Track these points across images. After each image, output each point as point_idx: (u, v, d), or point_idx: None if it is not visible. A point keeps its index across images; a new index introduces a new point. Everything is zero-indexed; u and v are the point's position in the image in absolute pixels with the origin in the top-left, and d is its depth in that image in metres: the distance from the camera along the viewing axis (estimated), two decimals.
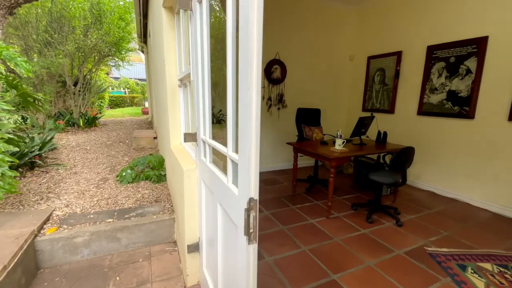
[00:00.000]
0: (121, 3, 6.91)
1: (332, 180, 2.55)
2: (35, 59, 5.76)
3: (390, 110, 4.06)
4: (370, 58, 4.39)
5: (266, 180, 3.90)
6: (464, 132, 3.16)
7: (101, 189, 2.92)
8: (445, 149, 3.37)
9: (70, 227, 2.12)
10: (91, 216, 2.30)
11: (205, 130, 1.44)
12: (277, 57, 4.14)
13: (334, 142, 2.96)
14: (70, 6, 5.62)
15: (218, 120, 3.27)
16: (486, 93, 2.94)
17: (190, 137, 1.56)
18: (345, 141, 2.73)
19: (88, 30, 6.31)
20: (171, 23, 2.07)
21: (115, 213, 2.35)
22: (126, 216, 2.30)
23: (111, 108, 14.76)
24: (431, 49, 3.43)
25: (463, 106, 3.14)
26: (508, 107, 2.75)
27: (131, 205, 2.52)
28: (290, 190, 3.46)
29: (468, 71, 3.07)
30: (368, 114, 4.46)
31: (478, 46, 2.95)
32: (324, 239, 2.27)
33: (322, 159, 2.64)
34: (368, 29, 4.41)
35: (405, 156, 2.40)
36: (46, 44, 5.87)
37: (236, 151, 0.94)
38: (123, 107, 15.76)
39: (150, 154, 3.54)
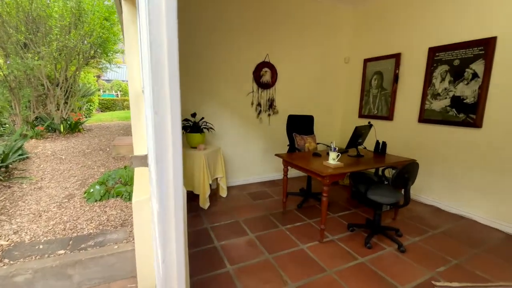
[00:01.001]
0: (105, 2, 6.56)
1: (326, 200, 2.23)
2: (8, 62, 5.38)
3: (389, 116, 3.76)
4: (366, 60, 4.10)
5: (255, 193, 3.57)
6: (471, 142, 2.87)
7: (63, 209, 2.56)
8: (450, 160, 3.08)
9: (11, 262, 1.77)
10: (41, 246, 1.94)
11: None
12: (266, 59, 3.83)
13: (328, 154, 2.64)
14: (47, 6, 5.26)
15: (199, 128, 2.94)
16: (495, 99, 2.65)
17: (139, 161, 1.22)
18: (340, 154, 2.41)
19: (69, 31, 5.95)
20: (132, 18, 1.74)
21: (70, 242, 2.00)
22: (82, 245, 1.95)
23: (101, 111, 14.34)
24: (433, 51, 3.15)
25: (469, 114, 2.85)
26: None
27: (91, 231, 2.17)
28: (280, 205, 3.13)
29: (475, 75, 2.79)
30: (364, 120, 4.17)
31: (486, 47, 2.67)
32: (316, 272, 1.94)
33: (314, 175, 2.32)
34: (364, 29, 4.13)
35: (408, 173, 2.09)
36: (23, 45, 5.50)
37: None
38: (114, 110, 15.33)
39: (124, 167, 3.19)
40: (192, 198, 3.20)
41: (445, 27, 3.03)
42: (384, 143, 2.95)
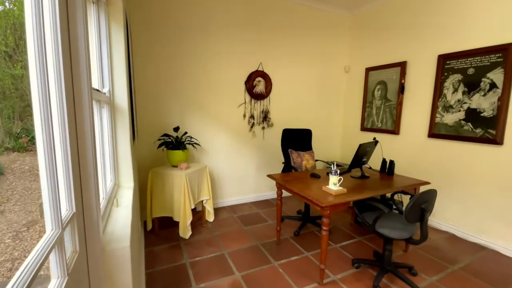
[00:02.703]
0: None
1: (326, 234, 1.85)
2: None
3: (395, 130, 3.42)
4: (368, 69, 3.80)
5: (246, 217, 3.18)
6: (490, 161, 2.52)
7: (18, 241, 2.16)
8: (466, 181, 2.71)
9: None
10: None
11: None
12: (260, 69, 3.52)
13: (328, 174, 2.28)
14: None
15: (182, 144, 2.59)
16: None
17: None
18: (342, 178, 2.05)
19: None
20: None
21: None
22: None
23: None
24: (443, 59, 2.84)
25: (487, 129, 2.51)
26: None
27: (42, 272, 1.77)
28: (275, 232, 2.75)
29: (493, 86, 2.46)
30: (367, 134, 3.84)
31: (505, 54, 2.36)
32: None
33: (312, 204, 1.95)
34: (364, 36, 3.85)
35: (425, 202, 1.73)
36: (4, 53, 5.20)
37: None
38: None
39: None
40: (171, 226, 2.82)
41: (456, 32, 2.73)
42: (391, 162, 2.59)
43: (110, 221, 1.20)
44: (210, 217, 2.93)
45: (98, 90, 1.25)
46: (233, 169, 3.56)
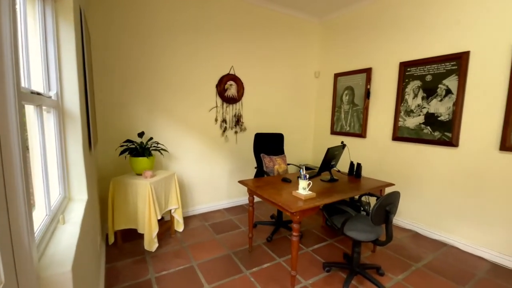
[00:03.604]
0: None
1: (297, 240, 1.83)
2: None
3: (362, 134, 3.54)
4: (337, 75, 3.92)
5: (219, 224, 3.08)
6: (448, 162, 2.69)
7: None
8: (427, 181, 2.87)
9: None
10: None
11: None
12: (232, 72, 3.47)
13: (298, 178, 2.27)
14: None
15: (147, 151, 2.44)
16: (471, 117, 2.50)
17: None
18: (311, 182, 2.05)
19: None
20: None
21: None
22: None
23: None
24: (404, 66, 3.00)
25: (444, 132, 2.68)
26: (499, 133, 2.31)
27: None
28: (247, 239, 2.69)
29: (448, 92, 2.64)
30: (337, 137, 3.94)
31: (459, 63, 2.55)
32: None
33: (282, 209, 1.92)
34: (334, 43, 3.97)
35: (389, 204, 1.78)
36: None
37: None
38: None
39: None
40: (135, 238, 2.64)
41: (416, 41, 2.90)
42: (359, 165, 2.66)
43: (52, 241, 1.07)
44: (179, 227, 2.79)
45: (38, 93, 1.11)
46: (205, 175, 3.45)
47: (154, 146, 2.58)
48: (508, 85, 2.25)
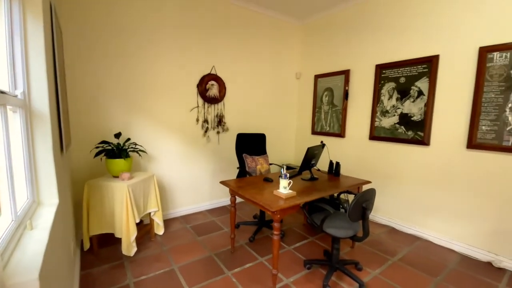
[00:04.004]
0: None
1: (277, 239, 1.85)
2: None
3: (341, 133, 3.65)
4: (317, 76, 4.00)
5: (200, 226, 3.04)
6: (421, 160, 2.83)
7: None
8: (402, 178, 3.01)
9: None
10: None
11: None
12: (213, 72, 3.44)
13: (280, 177, 2.30)
14: None
15: (124, 152, 2.36)
16: (441, 117, 2.65)
17: None
18: (291, 181, 2.09)
19: None
20: None
21: None
22: None
23: None
24: (380, 68, 3.12)
25: (417, 131, 2.83)
26: (466, 132, 2.47)
27: None
28: (230, 240, 2.67)
29: (420, 93, 2.78)
30: (317, 137, 4.02)
31: (429, 65, 2.69)
32: None
33: (263, 209, 1.94)
34: (314, 45, 4.05)
35: (365, 201, 1.84)
36: None
37: None
38: None
39: None
40: (113, 243, 2.55)
41: (390, 45, 3.03)
42: (337, 164, 2.74)
43: (19, 248, 1.00)
44: (159, 230, 2.73)
45: (2, 92, 1.04)
46: (187, 177, 3.39)
47: (132, 147, 2.51)
48: (474, 87, 2.40)
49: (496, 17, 2.26)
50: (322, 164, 3.78)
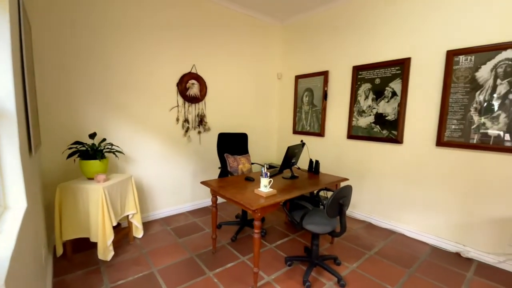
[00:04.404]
0: None
1: (258, 238, 1.86)
2: None
3: (321, 133, 3.74)
4: (298, 77, 4.08)
5: (181, 228, 3.00)
6: (395, 158, 2.97)
7: None
8: (378, 175, 3.14)
9: None
10: None
11: None
12: (193, 71, 3.40)
13: (261, 176, 2.32)
14: None
15: (99, 153, 2.28)
16: (412, 116, 2.80)
17: None
18: (272, 180, 2.11)
19: None
20: None
21: None
22: None
23: None
24: (356, 70, 3.24)
25: (391, 130, 2.96)
26: (435, 131, 2.62)
27: None
28: (211, 241, 2.66)
29: (394, 94, 2.92)
30: (298, 137, 4.10)
31: (402, 68, 2.83)
32: None
33: (244, 208, 1.95)
34: (294, 46, 4.12)
35: (342, 197, 1.90)
36: None
37: None
38: None
39: None
40: (88, 248, 2.45)
41: (366, 47, 3.15)
42: (317, 162, 2.81)
43: None
44: (138, 233, 2.65)
45: None
46: (167, 178, 3.33)
47: (108, 148, 2.42)
48: (442, 88, 2.56)
49: (462, 23, 2.42)
50: (303, 162, 3.85)
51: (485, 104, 2.32)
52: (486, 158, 2.34)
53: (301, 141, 2.77)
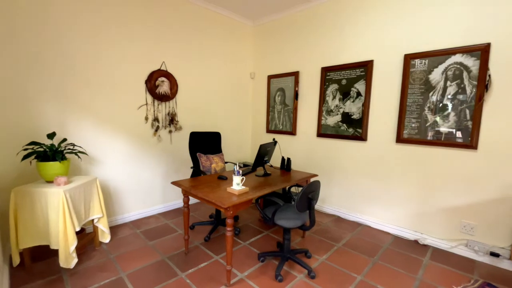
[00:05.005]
0: None
1: (231, 235, 1.88)
2: None
3: (293, 132, 3.84)
4: (270, 77, 4.15)
5: (152, 230, 2.91)
6: (360, 154, 3.15)
7: None
8: (345, 171, 3.31)
9: None
10: None
11: None
12: (163, 68, 3.31)
13: (234, 174, 2.33)
14: None
15: (59, 154, 2.13)
16: (375, 115, 2.99)
17: None
18: (244, 178, 2.14)
19: None
20: None
21: None
22: None
23: None
24: (325, 71, 3.38)
25: (356, 128, 3.14)
26: (395, 129, 2.83)
27: None
28: (183, 242, 2.61)
29: (359, 94, 3.09)
30: (272, 136, 4.17)
31: (366, 69, 3.01)
32: None
33: (216, 206, 1.95)
34: (266, 46, 4.19)
35: (311, 192, 1.99)
36: None
37: None
38: None
39: None
40: (49, 256, 2.29)
41: (334, 49, 3.30)
42: (289, 160, 2.88)
43: None
44: (104, 237, 2.53)
45: None
46: (136, 179, 3.20)
47: (69, 149, 2.27)
48: (401, 89, 2.77)
49: (418, 30, 2.64)
50: (276, 160, 3.94)
51: (438, 104, 2.55)
52: (439, 153, 2.58)
53: (273, 139, 2.83)
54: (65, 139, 2.23)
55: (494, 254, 2.31)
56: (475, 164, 2.38)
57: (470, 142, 2.37)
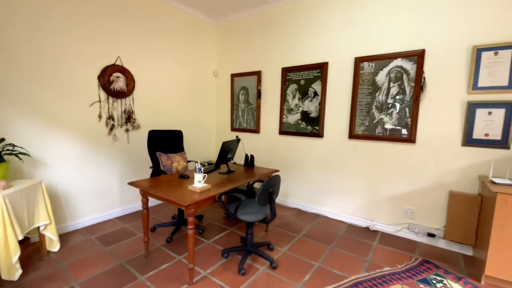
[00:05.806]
0: None
1: (192, 233, 1.87)
2: None
3: (256, 130, 3.93)
4: (233, 75, 4.17)
5: (108, 235, 2.74)
6: (318, 150, 3.35)
7: None
8: (305, 166, 3.49)
9: None
10: None
11: None
12: (118, 63, 3.12)
13: (195, 172, 2.31)
14: None
15: None
16: (330, 113, 3.20)
17: None
18: (206, 175, 2.14)
19: None
20: None
21: None
22: None
23: None
24: (285, 71, 3.51)
25: (314, 126, 3.33)
26: (348, 126, 3.07)
27: None
28: (143, 245, 2.51)
29: (316, 94, 3.28)
30: (237, 133, 4.21)
31: (322, 71, 3.20)
32: None
33: (176, 205, 1.92)
34: (229, 45, 4.20)
35: (271, 186, 2.07)
36: None
37: None
38: None
39: None
40: None
41: (294, 51, 3.45)
42: (252, 156, 2.95)
43: None
44: (53, 246, 2.31)
45: None
46: (89, 182, 2.98)
47: (8, 150, 2.03)
48: (352, 89, 3.01)
49: (366, 35, 2.89)
50: (241, 158, 3.98)
51: (383, 103, 2.83)
52: (385, 147, 2.86)
53: (236, 136, 2.87)
54: (3, 139, 1.99)
55: (431, 235, 2.65)
56: (414, 156, 2.70)
57: (410, 137, 2.69)
